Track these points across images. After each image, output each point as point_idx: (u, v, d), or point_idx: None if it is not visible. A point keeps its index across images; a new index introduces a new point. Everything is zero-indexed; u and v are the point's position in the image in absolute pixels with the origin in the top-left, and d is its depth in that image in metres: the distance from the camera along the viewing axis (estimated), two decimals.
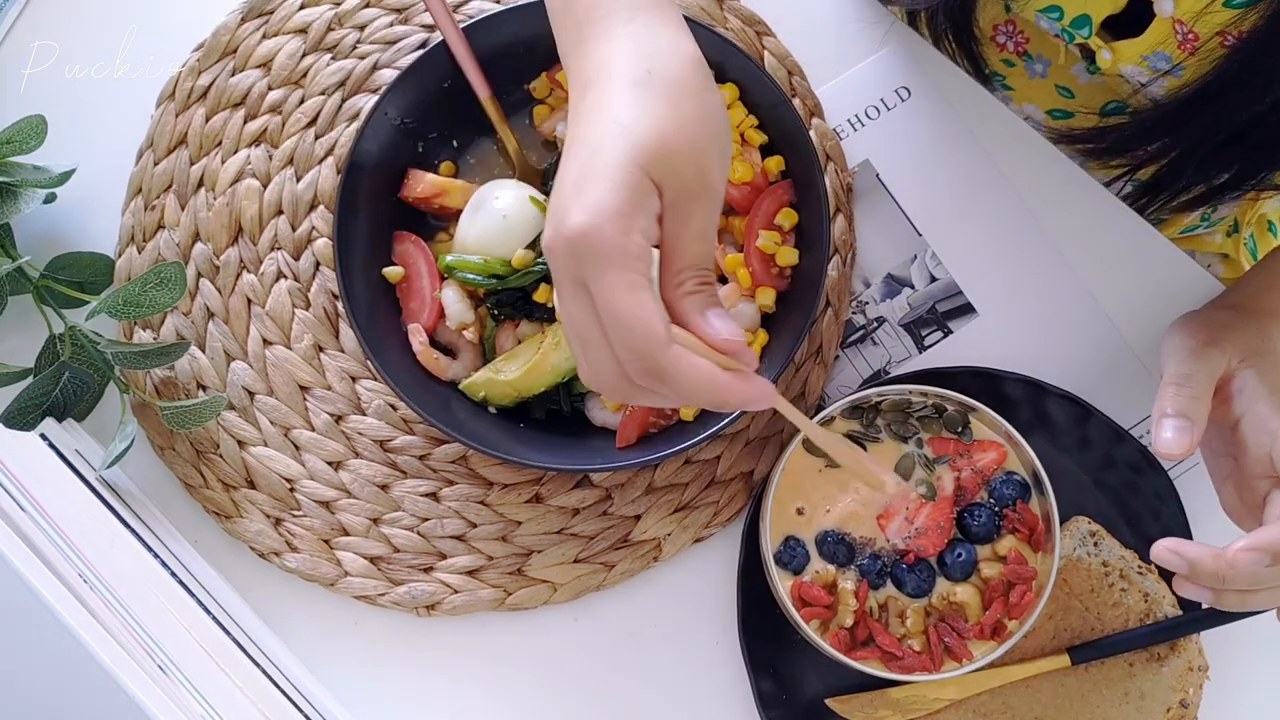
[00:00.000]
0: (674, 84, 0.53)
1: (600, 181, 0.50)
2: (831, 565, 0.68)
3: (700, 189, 0.52)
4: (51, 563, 0.62)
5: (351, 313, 0.69)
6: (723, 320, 0.52)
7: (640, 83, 0.53)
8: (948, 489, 0.69)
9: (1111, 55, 0.72)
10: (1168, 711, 0.71)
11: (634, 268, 0.50)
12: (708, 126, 0.53)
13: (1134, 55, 0.71)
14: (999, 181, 0.77)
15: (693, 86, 0.53)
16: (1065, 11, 0.72)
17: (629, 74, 0.53)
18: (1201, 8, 0.65)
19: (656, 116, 0.51)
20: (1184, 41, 0.67)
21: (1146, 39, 0.69)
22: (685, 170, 0.51)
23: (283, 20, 0.78)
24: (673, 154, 0.51)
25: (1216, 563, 0.59)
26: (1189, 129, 0.70)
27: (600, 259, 0.50)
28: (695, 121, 0.52)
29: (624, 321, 0.50)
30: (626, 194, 0.50)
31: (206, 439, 0.74)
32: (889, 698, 0.71)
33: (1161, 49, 0.69)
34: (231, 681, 0.63)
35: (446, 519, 0.73)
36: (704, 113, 0.53)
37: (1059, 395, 0.73)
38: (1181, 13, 0.66)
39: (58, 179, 0.74)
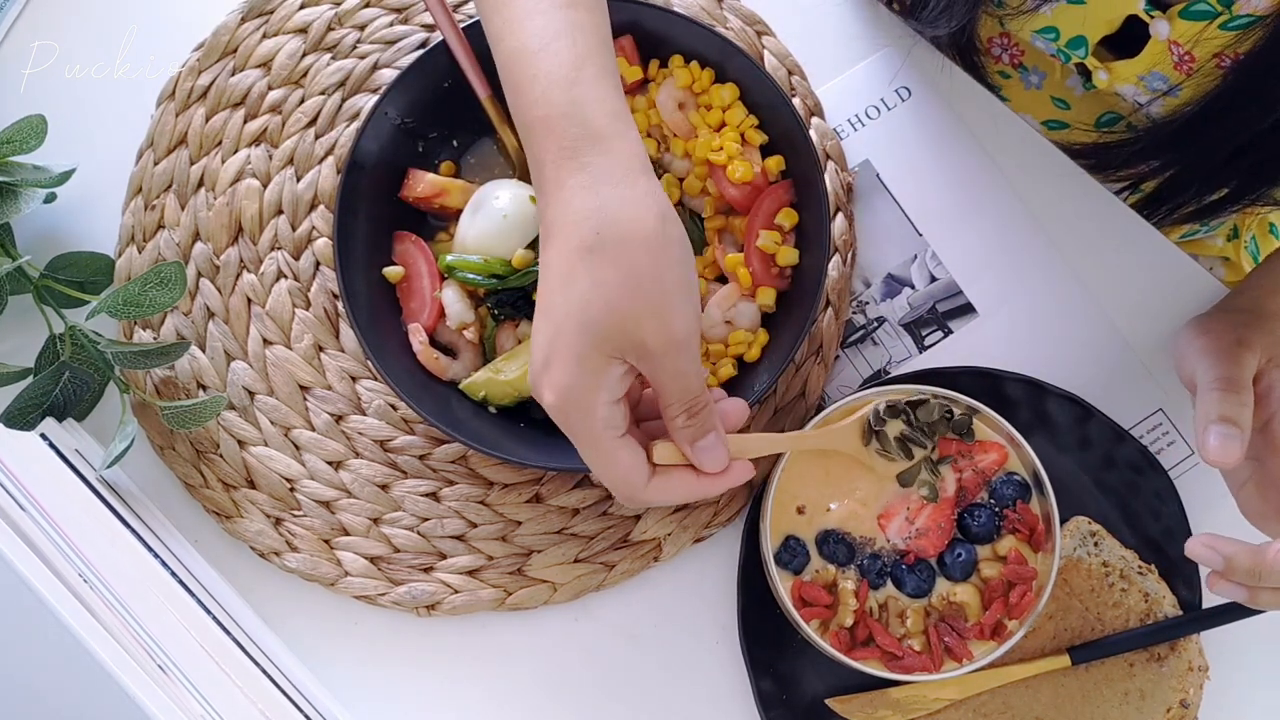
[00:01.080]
0: (622, 244, 0.54)
1: (560, 367, 0.55)
2: (832, 565, 0.68)
3: (664, 346, 0.55)
4: (51, 562, 0.62)
5: (351, 312, 0.69)
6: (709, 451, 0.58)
7: (590, 248, 0.55)
8: (949, 490, 0.69)
9: (1108, 75, 0.72)
10: (1168, 711, 0.71)
11: (603, 437, 0.56)
12: (662, 280, 0.55)
13: (1131, 76, 0.71)
14: (999, 181, 0.77)
15: (640, 239, 0.55)
16: (1061, 32, 0.72)
17: (580, 237, 0.55)
18: (1197, 32, 0.65)
19: (606, 287, 0.54)
20: (1180, 63, 0.67)
21: (1143, 60, 0.69)
22: (644, 334, 0.54)
23: (283, 20, 0.78)
24: (627, 323, 0.54)
25: (1255, 559, 0.58)
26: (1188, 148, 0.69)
27: (571, 432, 0.56)
28: (648, 278, 0.54)
29: (603, 477, 0.58)
30: (584, 378, 0.55)
31: (207, 439, 0.74)
32: (889, 698, 0.71)
33: (1158, 70, 0.69)
34: (231, 681, 0.63)
35: (446, 519, 0.73)
36: (656, 265, 0.55)
37: (1059, 395, 0.73)
38: (1177, 35, 0.66)
39: (58, 179, 0.74)
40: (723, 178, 0.71)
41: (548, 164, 0.57)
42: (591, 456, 0.57)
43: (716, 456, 0.58)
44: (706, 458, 0.58)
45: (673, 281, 0.55)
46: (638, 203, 0.55)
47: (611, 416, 0.56)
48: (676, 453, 0.58)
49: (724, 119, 0.72)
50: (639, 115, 0.73)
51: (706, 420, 0.57)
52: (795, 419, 0.74)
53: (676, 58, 0.73)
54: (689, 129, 0.73)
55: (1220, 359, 0.64)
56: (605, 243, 0.54)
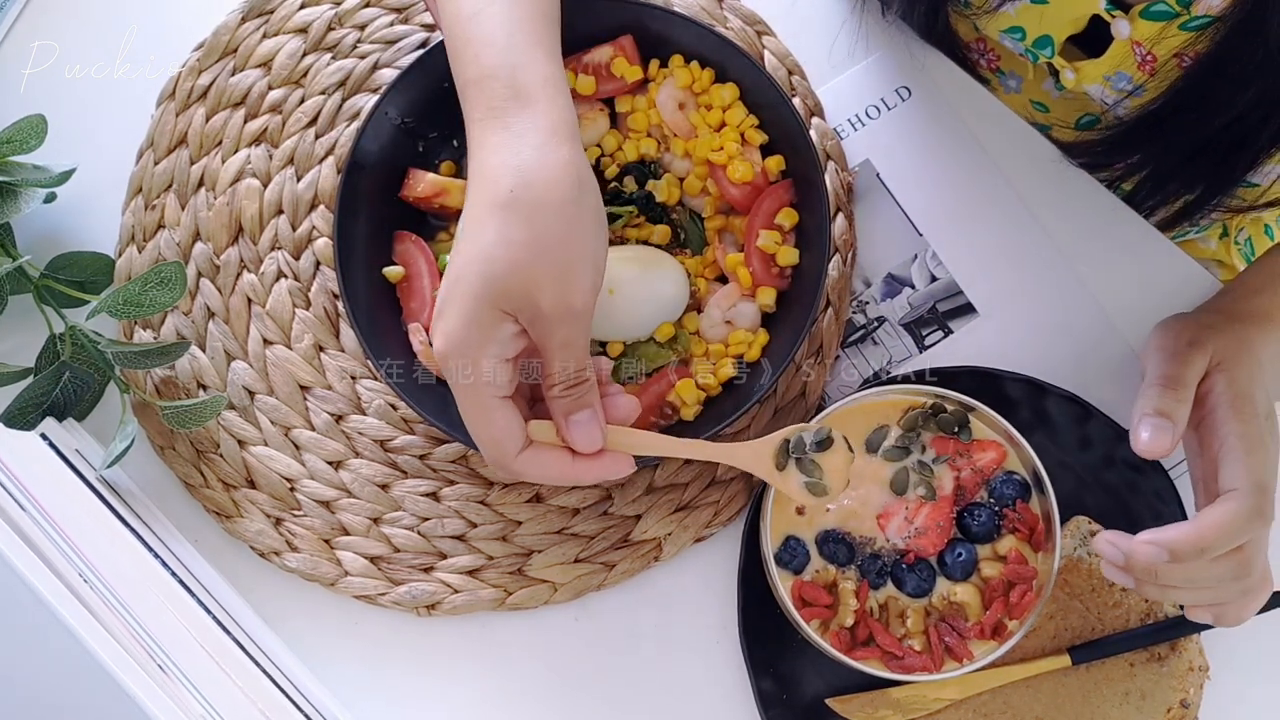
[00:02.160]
0: (536, 205, 0.55)
1: (454, 314, 0.55)
2: (832, 565, 0.68)
3: (559, 312, 0.55)
4: (52, 562, 0.62)
5: (352, 312, 0.69)
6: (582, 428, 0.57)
7: (503, 204, 0.55)
8: (947, 489, 0.69)
9: (1075, 75, 0.72)
10: (1168, 711, 0.71)
11: (483, 393, 0.56)
12: (569, 247, 0.55)
13: (1097, 75, 0.71)
14: (999, 181, 0.77)
15: (554, 204, 0.55)
16: (1027, 32, 0.72)
17: (494, 193, 0.55)
18: (1158, 31, 0.65)
19: (512, 244, 0.54)
20: (1143, 62, 0.68)
21: (1107, 60, 0.70)
22: (541, 297, 0.54)
23: (283, 20, 0.78)
24: (527, 283, 0.54)
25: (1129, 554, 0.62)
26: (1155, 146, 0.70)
27: (453, 384, 0.56)
28: (556, 243, 0.55)
29: (476, 436, 0.57)
30: (474, 330, 0.55)
31: (207, 439, 0.74)
32: (889, 697, 0.71)
33: (1122, 69, 0.70)
34: (231, 681, 0.63)
35: (447, 519, 0.73)
36: (566, 232, 0.55)
37: (1059, 395, 0.73)
38: (1139, 35, 0.67)
39: (58, 178, 0.74)
40: (723, 177, 0.71)
41: (475, 122, 0.58)
42: (467, 411, 0.56)
43: (589, 434, 0.57)
44: (579, 433, 0.57)
45: (580, 251, 0.55)
46: (557, 167, 0.55)
47: (496, 374, 0.56)
48: (553, 433, 0.58)
49: (724, 119, 0.72)
50: (639, 115, 0.73)
51: (585, 396, 0.57)
52: (795, 419, 0.74)
53: (677, 57, 0.73)
54: (689, 129, 0.73)
55: (1168, 358, 0.66)
56: (518, 201, 0.55)
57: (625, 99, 0.73)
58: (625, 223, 0.71)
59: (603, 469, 0.59)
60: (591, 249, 0.56)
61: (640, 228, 0.72)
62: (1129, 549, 0.62)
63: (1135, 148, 0.72)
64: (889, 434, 0.69)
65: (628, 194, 0.72)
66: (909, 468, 0.69)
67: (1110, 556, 0.63)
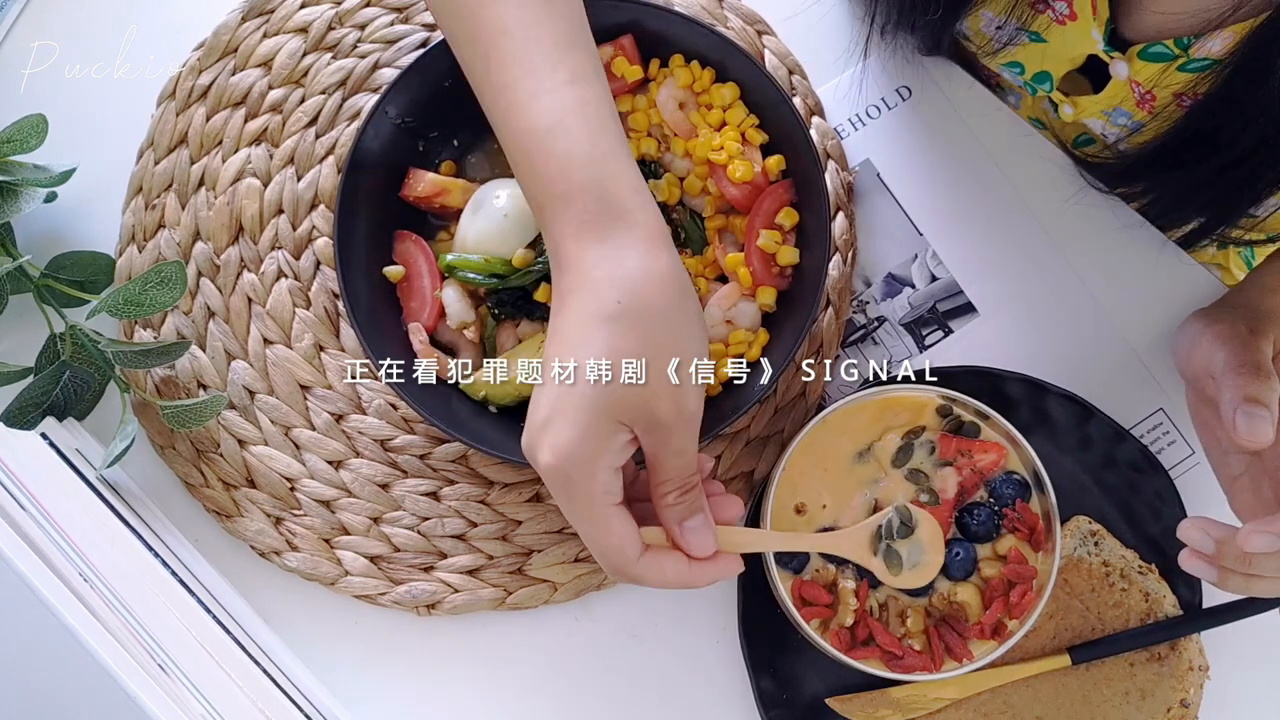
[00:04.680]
0: (643, 314, 0.55)
1: (568, 425, 0.54)
2: (831, 564, 0.68)
3: (674, 420, 0.55)
4: (52, 562, 0.62)
5: (352, 312, 0.69)
6: (696, 533, 0.57)
7: (611, 316, 0.54)
8: (950, 493, 0.69)
9: (1074, 109, 0.72)
10: (1168, 711, 0.71)
11: (600, 502, 0.55)
12: (681, 354, 0.55)
13: (1095, 110, 0.71)
14: (1000, 181, 0.77)
15: (661, 312, 0.55)
16: (1026, 68, 0.72)
17: (600, 305, 0.55)
18: (1157, 72, 0.65)
19: (626, 354, 0.54)
20: (1142, 101, 0.68)
21: (1105, 97, 0.70)
22: (658, 406, 0.54)
23: (283, 19, 0.78)
24: (644, 393, 0.54)
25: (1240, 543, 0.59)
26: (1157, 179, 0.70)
27: (567, 496, 0.55)
28: (668, 351, 0.54)
29: (594, 546, 0.56)
30: (593, 441, 0.54)
31: (207, 438, 0.74)
32: (889, 697, 0.71)
33: (1122, 106, 0.69)
34: (231, 681, 0.63)
35: (447, 518, 0.73)
36: (675, 339, 0.55)
37: (1059, 394, 0.73)
38: (1137, 76, 0.67)
39: (58, 178, 0.74)
40: (723, 177, 0.71)
41: (568, 237, 0.56)
42: (586, 523, 0.56)
43: (703, 540, 0.58)
44: (693, 539, 0.57)
45: (689, 356, 0.55)
46: (660, 276, 0.55)
47: (610, 483, 0.55)
48: (664, 537, 0.58)
49: (724, 118, 0.72)
50: (639, 115, 0.73)
51: (696, 501, 0.58)
52: (795, 419, 0.74)
53: (677, 57, 0.73)
54: (689, 128, 0.73)
55: (1241, 345, 0.64)
56: (626, 313, 0.54)
57: (625, 98, 0.73)
58: None
59: (718, 571, 0.58)
60: (698, 352, 0.56)
61: None
62: (1224, 536, 0.60)
63: (1138, 178, 0.72)
64: (889, 435, 0.69)
65: None
66: (912, 470, 0.69)
67: (1199, 544, 0.61)
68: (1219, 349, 0.65)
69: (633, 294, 0.55)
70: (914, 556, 0.66)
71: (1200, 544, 0.61)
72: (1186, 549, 0.62)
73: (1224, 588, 0.62)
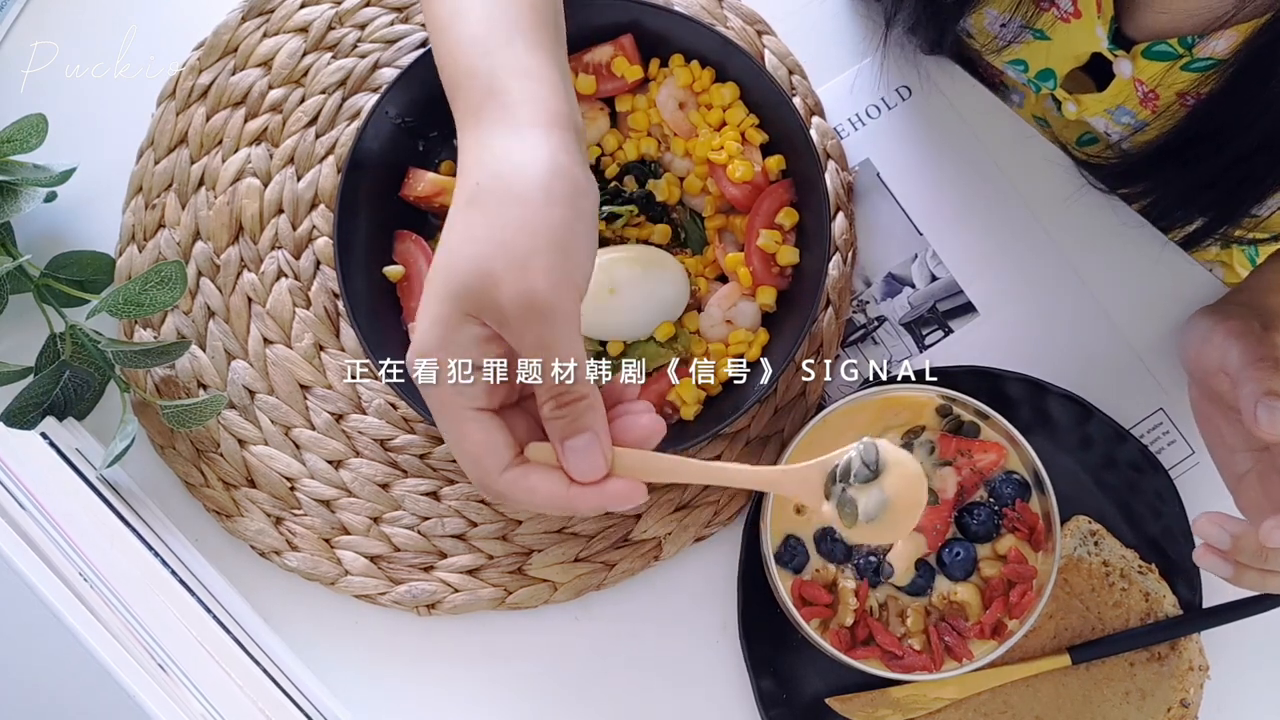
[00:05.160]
0: (499, 196, 0.51)
1: (423, 318, 0.51)
2: (831, 564, 0.68)
3: (521, 309, 0.49)
4: (52, 561, 0.62)
5: (352, 312, 0.69)
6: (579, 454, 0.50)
7: (470, 201, 0.52)
8: (950, 493, 0.69)
9: (1077, 107, 0.72)
10: (1168, 711, 0.71)
11: (452, 404, 0.51)
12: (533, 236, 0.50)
13: (1099, 109, 0.71)
14: (1000, 180, 0.77)
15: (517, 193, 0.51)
16: (1030, 65, 0.72)
17: (463, 190, 0.52)
18: (1161, 71, 0.65)
19: (474, 242, 0.50)
20: (1145, 99, 0.67)
21: (1109, 95, 0.70)
22: (499, 292, 0.49)
23: (283, 19, 0.78)
24: (484, 278, 0.49)
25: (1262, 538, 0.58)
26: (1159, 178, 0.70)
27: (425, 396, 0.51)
28: (515, 232, 0.50)
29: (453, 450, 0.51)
30: (440, 331, 0.50)
31: (207, 438, 0.74)
32: (889, 697, 0.71)
33: (1125, 105, 0.69)
34: (231, 680, 0.63)
35: (447, 518, 0.73)
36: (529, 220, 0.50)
37: (1059, 394, 0.73)
38: (1141, 74, 0.66)
39: (58, 178, 0.74)
40: (723, 177, 0.71)
41: (460, 127, 0.55)
42: (439, 421, 0.51)
43: (588, 463, 0.50)
44: (575, 460, 0.50)
45: (546, 239, 0.49)
46: (523, 153, 0.51)
47: (465, 383, 0.50)
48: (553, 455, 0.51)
49: (724, 118, 0.72)
50: (639, 115, 0.73)
51: (581, 417, 0.50)
52: (795, 419, 0.74)
53: (677, 57, 0.73)
54: (689, 128, 0.73)
55: (1256, 340, 0.63)
56: (481, 195, 0.51)
57: (625, 98, 0.74)
58: (625, 222, 0.71)
59: (602, 498, 0.51)
60: (561, 237, 0.50)
61: (640, 227, 0.72)
62: (1239, 531, 0.59)
63: (1140, 178, 0.71)
64: (889, 434, 0.69)
65: (628, 193, 0.72)
66: None
67: (1215, 539, 0.60)
68: (1233, 345, 0.64)
69: (492, 175, 0.51)
70: (872, 508, 0.53)
71: (1216, 539, 0.60)
72: (1201, 545, 0.61)
73: (1239, 584, 0.61)
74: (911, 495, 0.53)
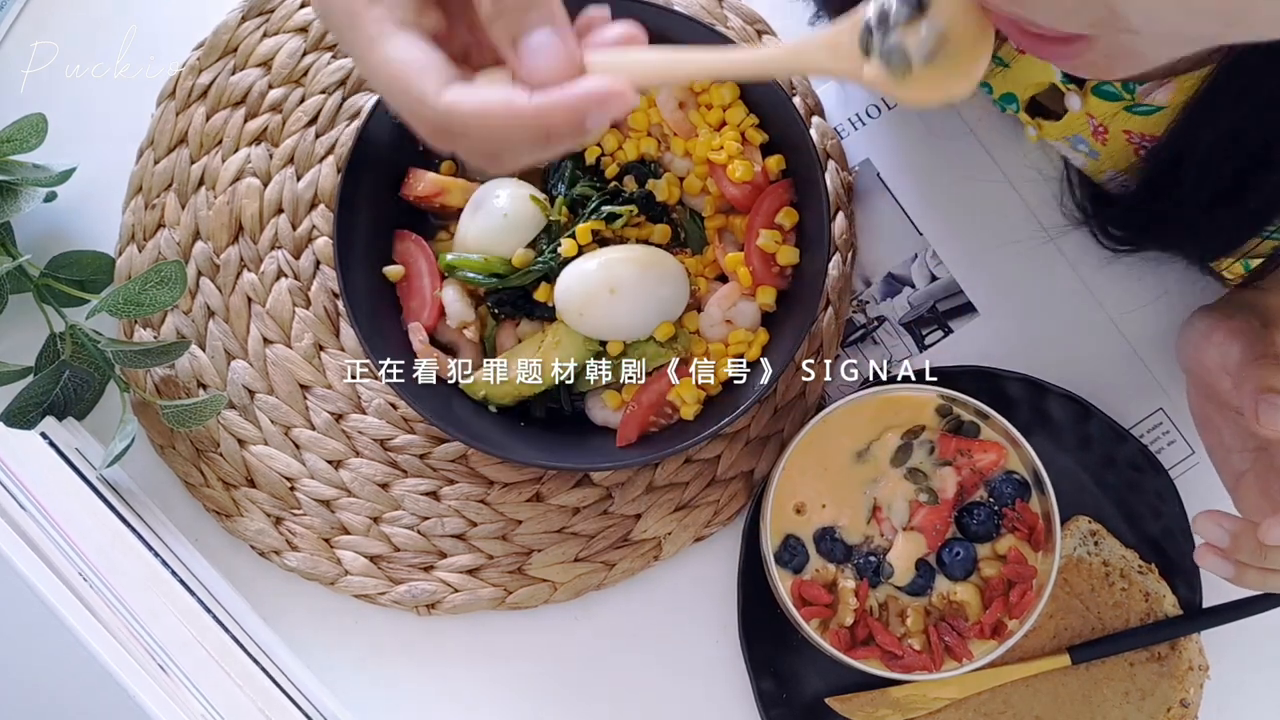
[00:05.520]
0: None
1: None
2: (831, 564, 0.68)
3: None
4: (52, 561, 0.62)
5: (352, 312, 0.69)
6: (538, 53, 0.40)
7: None
8: (949, 493, 0.69)
9: (1037, 131, 0.72)
10: (1168, 711, 0.71)
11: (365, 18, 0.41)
12: None
13: (1057, 135, 0.71)
14: (999, 180, 0.77)
15: None
16: (994, 88, 0.72)
17: None
18: (1109, 110, 0.65)
19: None
20: (1096, 132, 0.67)
21: (1065, 124, 0.69)
22: None
23: (283, 19, 0.78)
24: None
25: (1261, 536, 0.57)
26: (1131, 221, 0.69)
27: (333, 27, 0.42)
28: None
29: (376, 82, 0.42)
30: None
31: (207, 438, 0.74)
32: (889, 697, 0.71)
33: (1080, 134, 0.69)
34: (231, 680, 0.63)
35: (447, 518, 0.73)
36: None
37: (1059, 394, 0.73)
38: (1091, 110, 0.66)
39: (58, 177, 0.74)
40: (723, 177, 0.71)
41: None
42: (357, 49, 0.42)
43: (547, 60, 0.40)
44: (531, 60, 0.40)
45: None
46: None
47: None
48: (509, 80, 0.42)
49: (724, 118, 0.72)
50: (639, 114, 0.73)
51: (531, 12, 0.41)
52: (795, 418, 0.74)
53: None
54: (689, 128, 0.73)
55: (1256, 338, 0.63)
56: None
57: None
58: (625, 222, 0.71)
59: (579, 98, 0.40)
60: None
61: (640, 227, 0.72)
62: (1239, 530, 0.59)
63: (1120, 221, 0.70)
64: (889, 434, 0.69)
65: (628, 193, 0.72)
66: (911, 470, 0.69)
67: (1214, 537, 0.60)
68: (1233, 343, 0.63)
69: None
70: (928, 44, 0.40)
71: (1215, 537, 0.60)
72: (1201, 545, 0.61)
73: (1240, 583, 0.61)
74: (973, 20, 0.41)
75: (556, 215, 0.71)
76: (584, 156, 0.73)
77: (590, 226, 0.70)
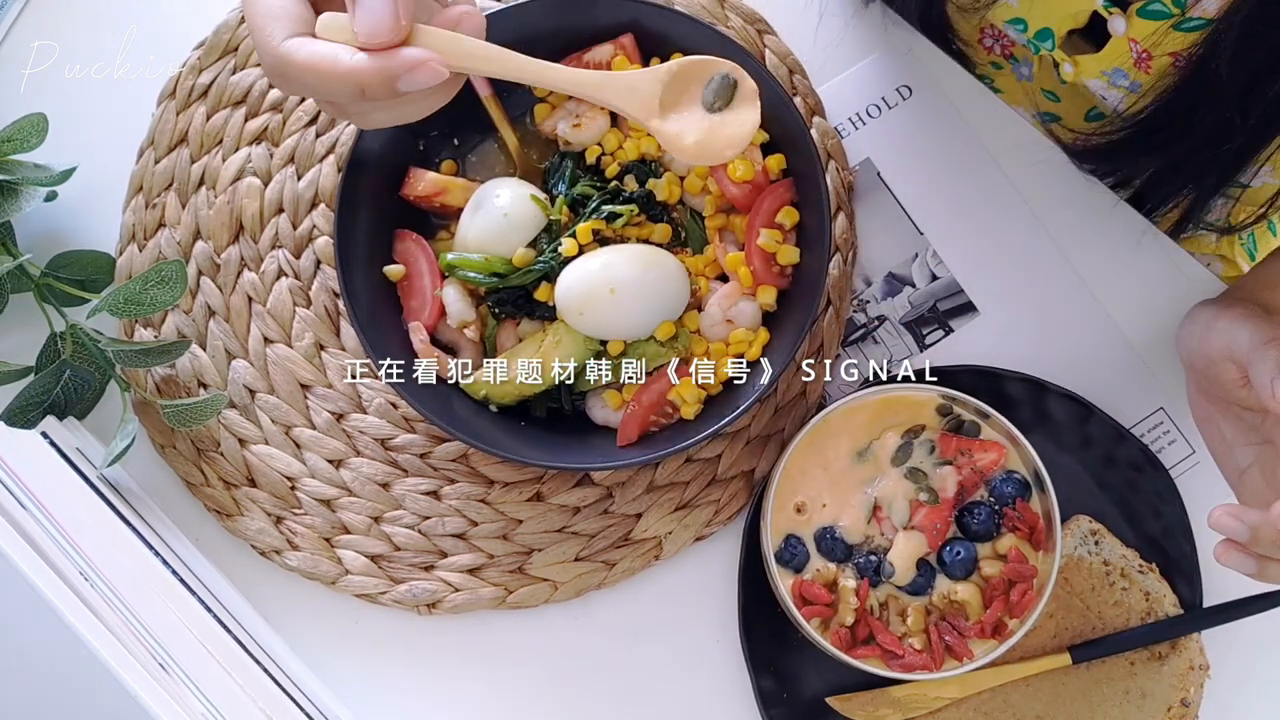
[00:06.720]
0: None
1: None
2: (831, 563, 0.68)
3: None
4: (52, 561, 0.62)
5: (352, 311, 0.69)
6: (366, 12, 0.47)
7: None
8: (949, 492, 0.69)
9: (1074, 69, 0.72)
10: (1169, 710, 0.71)
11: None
12: None
13: (1095, 70, 0.71)
14: (1000, 179, 0.77)
15: None
16: (1029, 24, 0.72)
17: None
18: (1154, 31, 0.65)
19: None
20: (1139, 61, 0.67)
21: (1105, 56, 0.69)
22: None
23: None
24: None
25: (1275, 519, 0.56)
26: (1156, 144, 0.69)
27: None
28: None
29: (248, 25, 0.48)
30: None
31: (207, 437, 0.74)
32: (890, 696, 0.71)
33: (1120, 66, 0.69)
34: (232, 680, 0.63)
35: (447, 517, 0.73)
36: None
37: (1060, 394, 0.73)
38: (1135, 33, 0.66)
39: (59, 177, 0.74)
40: (723, 176, 0.71)
41: None
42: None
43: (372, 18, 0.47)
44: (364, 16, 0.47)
45: None
46: None
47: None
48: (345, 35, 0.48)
49: None
50: None
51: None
52: (795, 418, 0.74)
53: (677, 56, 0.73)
54: None
55: (1263, 323, 0.62)
56: None
57: None
58: (626, 221, 0.71)
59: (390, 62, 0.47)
60: None
61: (641, 227, 0.72)
62: (1257, 522, 0.57)
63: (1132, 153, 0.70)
64: (889, 434, 0.69)
65: (628, 193, 0.72)
66: (912, 469, 0.69)
67: (1233, 531, 0.58)
68: (1241, 328, 0.63)
69: None
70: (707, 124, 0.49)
71: (1234, 531, 0.58)
72: (1221, 543, 0.60)
73: (1263, 578, 0.59)
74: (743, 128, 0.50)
75: (557, 214, 0.71)
76: (584, 156, 0.73)
77: (591, 226, 0.70)
